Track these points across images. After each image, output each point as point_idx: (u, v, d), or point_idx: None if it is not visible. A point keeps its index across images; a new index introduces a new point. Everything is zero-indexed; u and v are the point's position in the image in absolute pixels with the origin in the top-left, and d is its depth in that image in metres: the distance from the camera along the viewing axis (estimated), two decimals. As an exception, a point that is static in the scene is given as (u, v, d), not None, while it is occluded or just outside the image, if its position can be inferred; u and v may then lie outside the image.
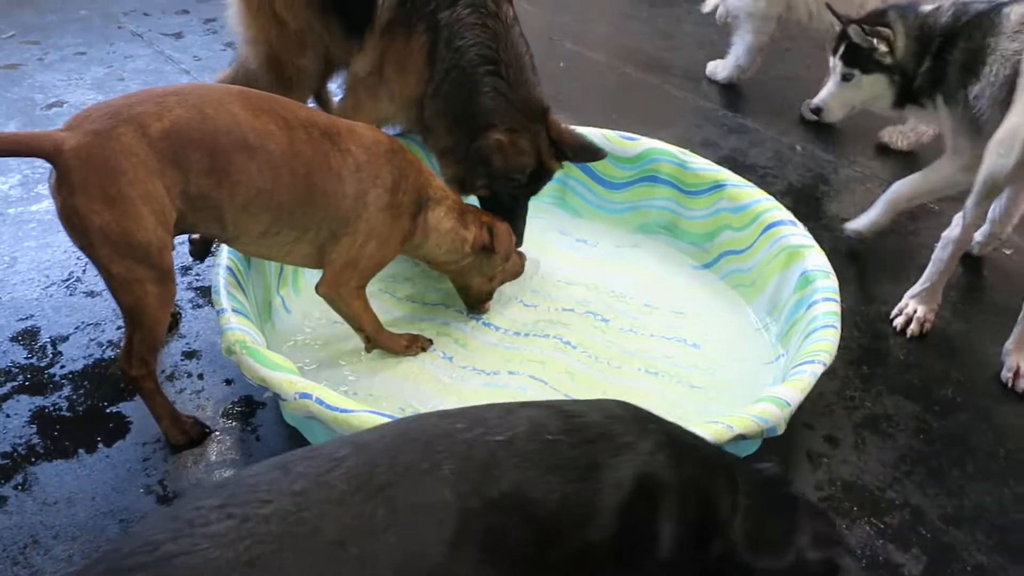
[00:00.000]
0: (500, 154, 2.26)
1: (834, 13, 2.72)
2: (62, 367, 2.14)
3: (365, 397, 2.08)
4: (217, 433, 1.98)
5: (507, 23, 2.35)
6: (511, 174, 2.32)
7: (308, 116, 1.95)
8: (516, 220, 2.41)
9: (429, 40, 2.29)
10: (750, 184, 2.59)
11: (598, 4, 5.31)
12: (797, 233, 2.37)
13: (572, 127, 2.43)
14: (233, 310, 1.90)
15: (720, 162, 2.79)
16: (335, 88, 2.91)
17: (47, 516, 1.76)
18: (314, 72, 2.64)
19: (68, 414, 2.01)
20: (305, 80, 2.65)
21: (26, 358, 2.16)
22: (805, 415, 2.13)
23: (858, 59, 2.63)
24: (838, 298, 2.12)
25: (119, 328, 2.26)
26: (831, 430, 2.13)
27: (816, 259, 2.26)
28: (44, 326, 2.26)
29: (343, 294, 2.04)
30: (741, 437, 1.69)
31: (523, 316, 2.40)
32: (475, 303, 2.37)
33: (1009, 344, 2.31)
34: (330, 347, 2.23)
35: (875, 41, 2.56)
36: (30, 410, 2.01)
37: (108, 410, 2.02)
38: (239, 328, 1.84)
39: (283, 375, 1.72)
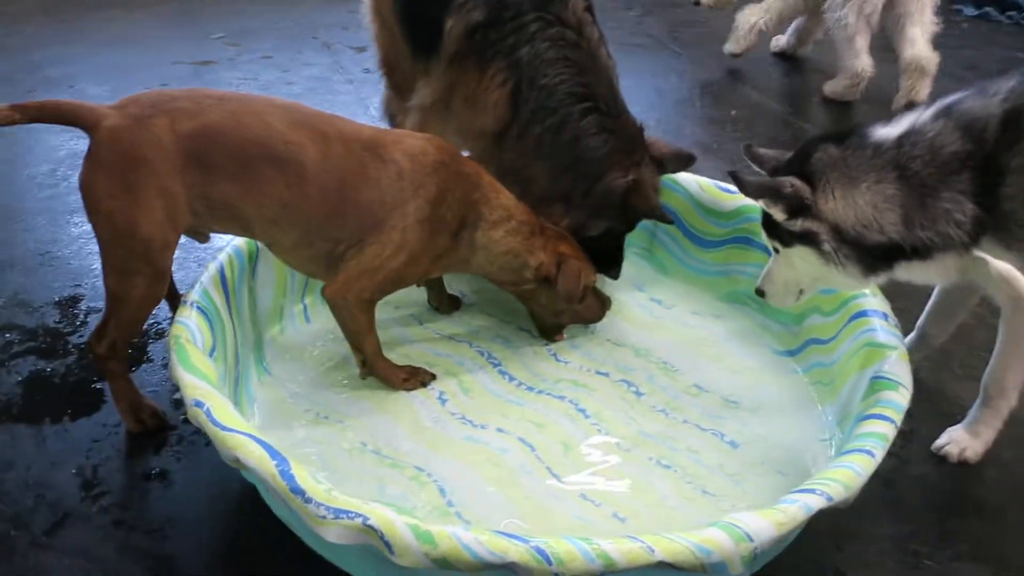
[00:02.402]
0: (638, 194, 2.12)
1: (752, 155, 1.82)
2: (81, 336, 2.19)
3: (334, 423, 1.92)
4: (175, 429, 1.91)
5: (591, 50, 2.15)
6: (649, 213, 2.17)
7: (352, 130, 1.89)
8: (617, 257, 2.27)
9: (512, 80, 2.13)
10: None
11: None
12: (885, 329, 1.87)
13: (661, 139, 2.28)
14: (194, 304, 1.82)
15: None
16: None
17: (-22, 479, 1.77)
18: None
19: (58, 381, 2.04)
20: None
21: (56, 322, 2.24)
22: (844, 562, 1.66)
23: (774, 228, 1.73)
24: (898, 420, 1.63)
25: (156, 311, 2.28)
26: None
27: (895, 365, 1.76)
28: (89, 295, 2.34)
29: (351, 302, 1.88)
30: (666, 565, 1.31)
31: (547, 371, 2.11)
32: (543, 332, 2.22)
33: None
34: (336, 367, 2.08)
35: (762, 203, 1.68)
36: (30, 371, 2.07)
37: (94, 386, 2.03)
38: (185, 323, 1.75)
39: (192, 379, 1.60)
